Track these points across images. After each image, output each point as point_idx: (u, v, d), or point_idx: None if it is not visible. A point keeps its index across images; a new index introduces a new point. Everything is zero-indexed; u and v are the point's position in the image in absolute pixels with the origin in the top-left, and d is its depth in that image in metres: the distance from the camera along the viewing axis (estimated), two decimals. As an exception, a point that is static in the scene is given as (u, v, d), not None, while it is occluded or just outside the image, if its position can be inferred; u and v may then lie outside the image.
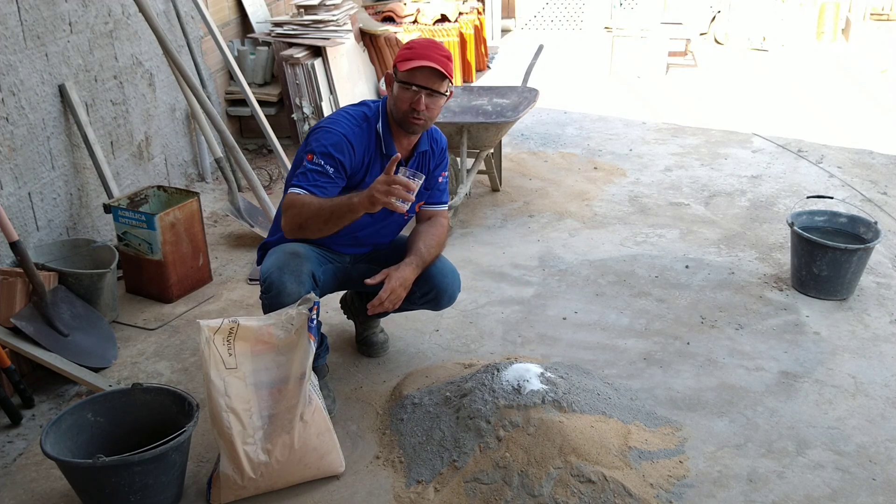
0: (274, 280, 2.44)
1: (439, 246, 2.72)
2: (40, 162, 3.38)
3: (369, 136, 2.58)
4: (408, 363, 3.04)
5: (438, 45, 2.55)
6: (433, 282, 2.69)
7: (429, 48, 2.51)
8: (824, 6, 8.30)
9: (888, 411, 2.72)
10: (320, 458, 2.38)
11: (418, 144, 2.68)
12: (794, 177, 4.96)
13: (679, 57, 8.02)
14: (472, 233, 4.23)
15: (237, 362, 2.30)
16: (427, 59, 2.47)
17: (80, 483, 2.22)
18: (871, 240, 3.42)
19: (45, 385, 2.91)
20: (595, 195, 4.71)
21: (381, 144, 2.59)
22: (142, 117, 4.21)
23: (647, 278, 3.68)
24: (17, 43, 3.21)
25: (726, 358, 3.05)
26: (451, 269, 2.77)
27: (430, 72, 2.48)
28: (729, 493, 2.35)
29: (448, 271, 2.75)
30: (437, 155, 2.77)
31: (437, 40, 2.76)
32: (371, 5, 7.44)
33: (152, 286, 3.51)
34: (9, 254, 3.05)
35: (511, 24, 9.58)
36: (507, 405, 2.44)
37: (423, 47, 2.51)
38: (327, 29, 5.51)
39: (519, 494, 2.26)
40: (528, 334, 3.23)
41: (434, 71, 2.47)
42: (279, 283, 2.43)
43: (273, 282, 2.44)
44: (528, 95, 4.60)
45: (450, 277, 2.74)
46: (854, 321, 3.30)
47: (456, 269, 2.80)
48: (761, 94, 6.86)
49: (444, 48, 2.54)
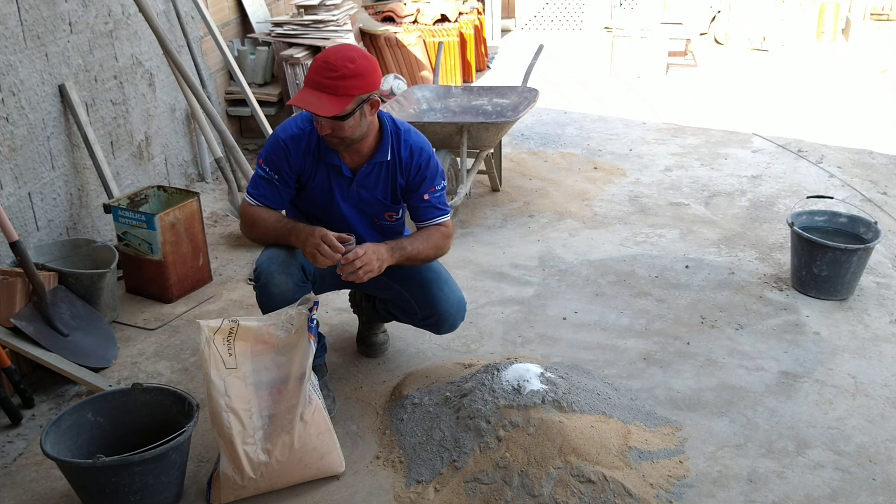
0: (263, 270, 2.52)
1: (432, 248, 2.62)
2: (40, 162, 3.38)
3: (310, 141, 2.50)
4: (408, 363, 3.04)
5: (331, 64, 2.31)
6: (437, 308, 2.66)
7: (318, 71, 2.32)
8: (824, 6, 8.30)
9: (888, 411, 2.72)
10: (320, 457, 2.38)
11: (375, 154, 2.53)
12: (794, 177, 4.96)
13: (679, 57, 8.02)
14: (472, 233, 4.23)
15: (237, 362, 2.31)
16: (308, 88, 2.32)
17: (80, 483, 2.22)
18: (871, 240, 3.42)
19: (45, 385, 2.91)
20: (595, 195, 4.71)
21: (320, 151, 2.51)
22: (142, 117, 4.21)
23: (647, 278, 3.68)
24: (17, 43, 3.21)
25: (726, 358, 3.05)
26: (458, 300, 2.70)
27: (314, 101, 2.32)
28: (729, 493, 2.35)
29: (454, 301, 2.69)
30: (409, 169, 2.56)
31: (343, 50, 2.36)
32: (371, 5, 7.44)
33: (152, 286, 3.51)
34: (9, 254, 3.05)
35: (511, 24, 9.57)
36: (507, 405, 2.44)
37: (314, 70, 2.32)
38: (327, 29, 5.51)
39: (519, 494, 2.26)
40: (528, 334, 3.23)
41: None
42: (267, 273, 2.51)
43: (262, 272, 2.52)
44: (528, 95, 4.60)
45: (454, 308, 2.69)
46: (854, 321, 3.30)
47: (463, 300, 2.73)
48: (761, 94, 6.86)
49: (341, 64, 2.30)
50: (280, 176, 2.51)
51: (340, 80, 2.29)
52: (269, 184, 2.52)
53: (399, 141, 2.54)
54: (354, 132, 2.40)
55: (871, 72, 7.32)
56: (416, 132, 2.62)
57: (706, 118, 6.22)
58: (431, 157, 2.60)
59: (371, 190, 2.58)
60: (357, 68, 2.31)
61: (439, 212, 2.65)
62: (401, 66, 6.80)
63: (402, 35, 6.74)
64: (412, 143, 2.56)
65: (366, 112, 2.39)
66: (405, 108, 4.52)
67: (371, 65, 2.36)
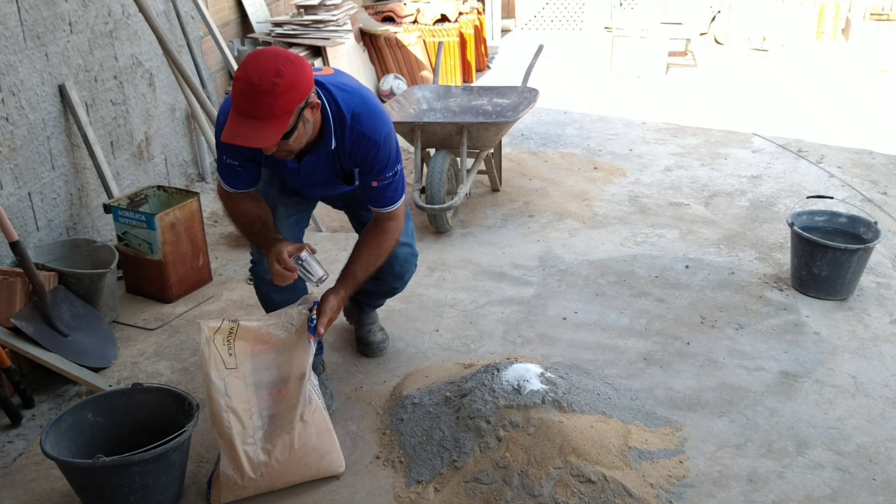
0: (255, 258, 2.63)
1: (380, 258, 2.53)
2: (40, 162, 3.38)
3: None
4: (408, 363, 3.04)
5: (256, 87, 2.03)
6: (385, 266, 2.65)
7: (245, 96, 2.05)
8: (824, 6, 8.30)
9: (888, 411, 2.72)
10: (320, 458, 2.38)
11: (319, 145, 2.33)
12: (794, 177, 4.96)
13: (679, 57, 8.02)
14: (472, 233, 4.23)
15: (237, 362, 2.31)
16: (238, 116, 2.07)
17: (80, 483, 2.22)
18: (871, 240, 3.42)
19: (45, 385, 2.91)
20: (595, 195, 4.70)
21: None
22: (142, 117, 4.21)
23: (647, 278, 3.68)
24: (17, 43, 3.21)
25: (726, 358, 3.05)
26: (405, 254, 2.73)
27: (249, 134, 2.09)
28: (729, 493, 2.35)
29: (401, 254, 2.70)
30: (355, 156, 2.37)
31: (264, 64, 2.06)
32: (371, 5, 7.44)
33: (152, 286, 3.51)
34: (9, 254, 3.05)
35: (511, 24, 9.58)
36: (507, 405, 2.44)
37: (240, 95, 2.06)
38: (327, 29, 5.52)
39: (519, 494, 2.26)
40: (528, 334, 3.23)
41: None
42: (258, 257, 2.59)
43: (254, 259, 2.63)
44: (528, 95, 4.60)
45: (401, 260, 2.73)
46: (854, 321, 3.30)
47: (410, 251, 2.76)
48: (761, 94, 6.85)
49: (269, 82, 2.02)
50: (239, 161, 2.39)
51: (273, 100, 2.04)
52: (232, 169, 2.42)
53: (344, 128, 2.31)
54: (301, 141, 2.23)
55: (871, 72, 7.32)
56: (372, 115, 2.34)
57: (706, 118, 6.22)
58: (382, 145, 2.35)
59: (322, 173, 2.46)
60: (288, 81, 2.05)
61: (387, 201, 2.46)
62: (401, 66, 6.81)
63: (402, 35, 6.74)
64: (361, 130, 2.32)
65: (308, 117, 2.18)
66: (405, 109, 4.52)
67: (299, 68, 2.09)
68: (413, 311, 3.42)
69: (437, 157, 4.13)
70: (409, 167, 5.19)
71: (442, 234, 4.20)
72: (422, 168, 4.20)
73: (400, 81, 6.61)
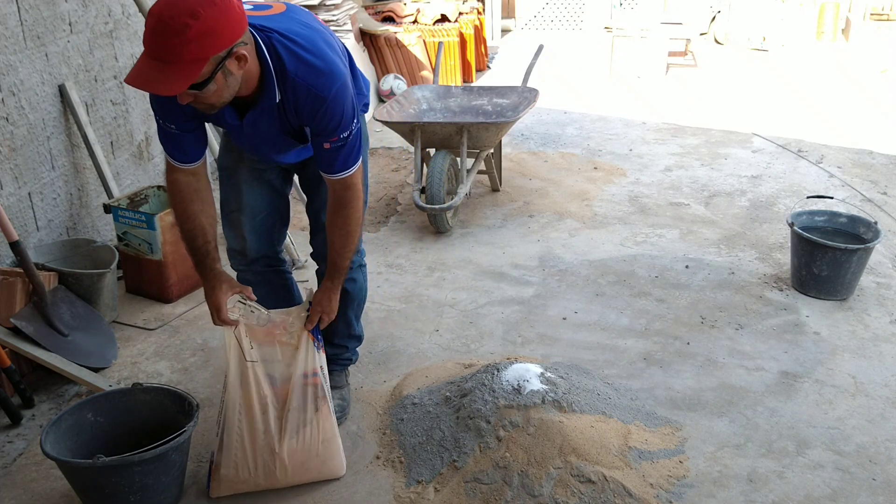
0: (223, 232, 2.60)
1: (350, 235, 2.31)
2: (40, 162, 3.38)
3: None
4: (408, 363, 3.04)
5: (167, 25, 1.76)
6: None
7: (154, 34, 1.78)
8: (824, 6, 8.30)
9: (888, 411, 2.72)
10: (322, 463, 2.38)
11: (262, 97, 2.08)
12: (794, 177, 4.96)
13: (679, 57, 8.02)
14: (472, 233, 4.23)
15: (257, 357, 2.30)
16: (147, 57, 1.82)
17: (80, 483, 2.22)
18: (871, 240, 3.42)
19: (45, 385, 2.91)
20: (595, 195, 4.71)
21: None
22: (142, 117, 4.20)
23: (647, 278, 3.68)
24: (17, 43, 3.21)
25: (726, 358, 3.05)
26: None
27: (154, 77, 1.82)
28: (729, 493, 2.35)
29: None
30: (301, 113, 2.11)
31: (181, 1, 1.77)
32: (371, 5, 7.44)
33: (152, 286, 3.51)
34: (9, 254, 3.05)
35: (511, 24, 9.58)
36: (507, 405, 2.44)
37: (150, 33, 1.79)
38: (327, 29, 5.51)
39: (519, 494, 2.26)
40: (528, 334, 3.23)
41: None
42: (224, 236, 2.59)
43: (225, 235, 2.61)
44: (528, 95, 4.60)
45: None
46: (854, 321, 3.30)
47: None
48: (761, 94, 6.86)
49: (181, 22, 1.75)
50: (176, 124, 2.14)
51: (183, 43, 1.76)
52: (168, 137, 2.18)
53: (286, 81, 2.05)
54: (222, 96, 1.95)
55: (871, 72, 7.32)
56: (319, 67, 2.07)
57: (706, 118, 6.22)
58: (330, 101, 2.08)
59: (268, 129, 2.21)
60: (204, 25, 1.77)
61: (340, 165, 2.21)
62: (401, 66, 6.81)
63: (402, 35, 6.75)
64: (306, 84, 2.05)
65: (231, 69, 1.89)
66: (405, 108, 4.53)
67: (222, 11, 1.80)
68: (413, 311, 3.42)
69: (437, 157, 4.13)
70: (410, 167, 5.20)
71: (442, 234, 4.20)
72: (422, 168, 4.20)
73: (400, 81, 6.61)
